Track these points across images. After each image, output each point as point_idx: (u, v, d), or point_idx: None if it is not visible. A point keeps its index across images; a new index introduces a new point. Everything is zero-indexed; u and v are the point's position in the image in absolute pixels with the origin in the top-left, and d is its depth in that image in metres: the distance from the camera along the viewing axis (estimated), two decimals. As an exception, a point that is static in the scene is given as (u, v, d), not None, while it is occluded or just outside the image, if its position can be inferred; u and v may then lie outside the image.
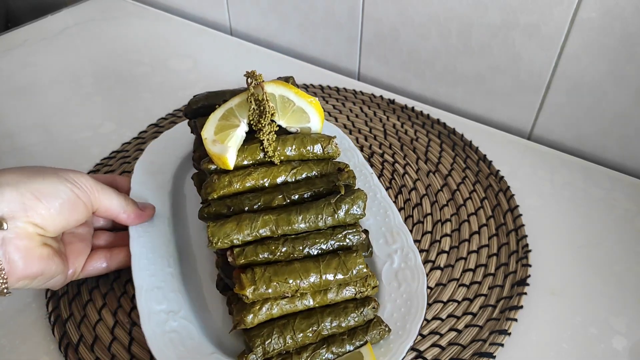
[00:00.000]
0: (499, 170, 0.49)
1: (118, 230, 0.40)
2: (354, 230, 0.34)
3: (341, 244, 0.33)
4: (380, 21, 0.58)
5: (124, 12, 0.77)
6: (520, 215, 0.44)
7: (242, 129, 0.35)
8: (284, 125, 0.37)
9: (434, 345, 0.35)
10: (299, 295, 0.32)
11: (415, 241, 0.42)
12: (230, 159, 0.34)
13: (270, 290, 0.31)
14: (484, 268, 0.40)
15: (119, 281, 0.39)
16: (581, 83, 0.49)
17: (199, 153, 0.38)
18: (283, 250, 0.32)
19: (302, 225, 0.33)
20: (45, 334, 0.36)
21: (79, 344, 0.35)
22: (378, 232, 0.40)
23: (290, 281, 0.31)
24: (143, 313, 0.33)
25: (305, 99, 0.36)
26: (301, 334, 0.32)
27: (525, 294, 0.38)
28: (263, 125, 0.35)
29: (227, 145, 0.34)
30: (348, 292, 0.33)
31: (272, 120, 0.35)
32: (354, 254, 0.33)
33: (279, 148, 0.36)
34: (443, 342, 0.35)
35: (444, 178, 0.48)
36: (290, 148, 0.36)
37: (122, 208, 0.37)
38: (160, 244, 0.38)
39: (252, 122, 0.35)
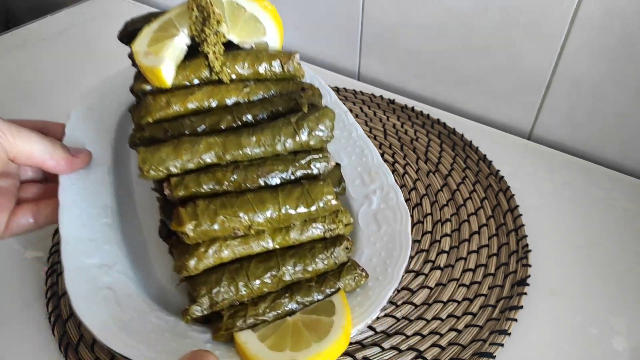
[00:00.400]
0: (499, 170, 0.49)
1: (51, 182, 0.35)
2: (321, 155, 0.28)
3: (305, 172, 0.28)
4: (380, 21, 0.58)
5: (124, 12, 0.77)
6: (520, 215, 0.44)
7: (182, 40, 0.30)
8: (235, 40, 0.31)
9: (434, 345, 0.35)
10: (253, 233, 0.27)
11: (416, 241, 0.42)
12: (166, 73, 0.29)
13: (216, 227, 0.26)
14: (484, 268, 0.40)
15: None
16: (581, 83, 0.49)
17: (138, 83, 0.32)
18: (233, 179, 0.27)
19: (257, 150, 0.27)
20: (45, 333, 0.36)
21: (79, 344, 0.35)
22: (354, 172, 0.35)
23: (242, 215, 0.26)
24: (68, 268, 0.28)
25: (258, 4, 0.30)
26: (258, 281, 0.26)
27: (525, 294, 0.38)
28: (207, 34, 0.29)
29: (161, 56, 0.28)
30: (315, 230, 0.28)
31: (219, 30, 0.29)
32: (321, 183, 0.28)
33: (228, 64, 0.30)
34: (443, 342, 0.35)
35: (444, 178, 0.48)
36: (242, 65, 0.30)
37: (48, 154, 0.31)
38: (96, 193, 0.33)
39: (194, 34, 0.29)
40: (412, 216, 0.45)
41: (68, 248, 0.29)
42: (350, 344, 0.35)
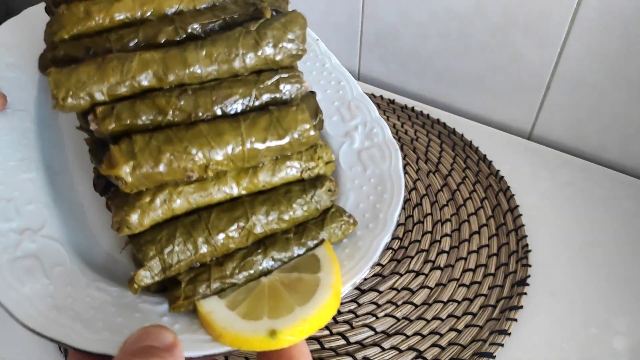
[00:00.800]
0: (499, 170, 0.49)
1: None
2: (291, 74, 0.23)
3: (273, 95, 0.22)
4: (380, 21, 0.58)
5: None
6: (520, 215, 0.44)
7: None
8: None
9: (434, 345, 0.35)
10: (212, 175, 0.21)
11: (416, 241, 0.42)
12: None
13: (162, 168, 0.20)
14: (484, 268, 0.40)
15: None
16: (581, 82, 0.49)
17: None
18: (180, 105, 0.21)
19: (209, 69, 0.21)
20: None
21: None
22: (330, 108, 0.29)
23: (194, 151, 0.20)
24: None
25: None
26: (222, 235, 0.21)
27: (525, 294, 0.38)
28: None
29: None
30: (291, 171, 0.23)
31: None
32: (294, 108, 0.22)
33: None
34: (443, 342, 0.35)
35: (444, 178, 0.48)
36: None
37: None
38: (13, 144, 0.26)
39: None
40: (412, 216, 0.45)
41: None
42: (350, 343, 0.35)
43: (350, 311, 0.37)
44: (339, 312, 0.37)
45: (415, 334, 0.36)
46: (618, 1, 0.43)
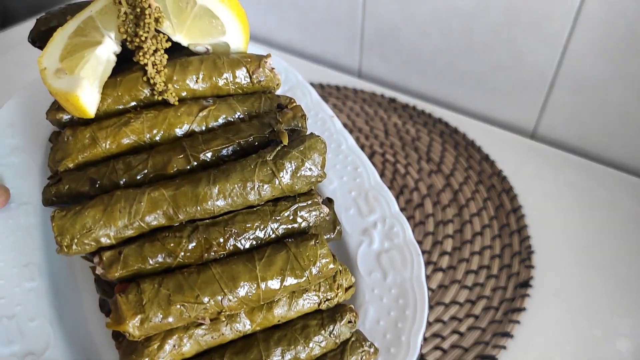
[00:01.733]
0: (501, 170, 0.48)
1: None
2: (310, 201, 0.21)
3: (289, 226, 0.21)
4: (381, 18, 0.58)
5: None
6: (524, 215, 0.44)
7: (108, 48, 0.21)
8: (184, 42, 0.23)
9: (435, 348, 0.35)
10: (224, 318, 0.20)
11: (417, 242, 0.42)
12: (86, 99, 0.20)
13: (171, 320, 0.19)
14: (486, 270, 0.40)
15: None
16: (585, 81, 0.48)
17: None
18: (190, 247, 0.19)
19: (221, 203, 0.20)
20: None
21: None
22: (346, 198, 0.27)
23: (206, 300, 0.19)
24: None
25: None
26: None
27: (529, 295, 0.38)
28: (143, 39, 0.20)
29: (78, 75, 0.20)
30: (308, 303, 0.21)
31: (159, 31, 0.21)
32: (312, 242, 0.21)
33: (175, 78, 0.22)
34: (445, 345, 0.35)
35: (446, 178, 0.48)
36: (195, 78, 0.22)
37: None
38: (19, 246, 0.25)
39: (125, 38, 0.21)
40: (413, 217, 0.44)
41: None
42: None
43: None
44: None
45: (417, 336, 0.35)
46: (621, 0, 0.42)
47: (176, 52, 0.23)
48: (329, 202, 0.24)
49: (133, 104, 0.23)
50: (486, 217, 0.44)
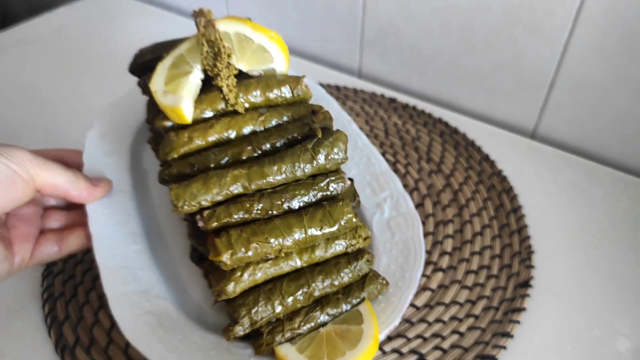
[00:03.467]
0: (501, 170, 0.48)
1: (74, 209, 0.36)
2: (337, 176, 0.30)
3: (324, 193, 0.30)
4: (381, 18, 0.58)
5: (121, 10, 0.77)
6: (524, 215, 0.44)
7: (197, 76, 0.31)
8: (244, 69, 0.33)
9: (435, 348, 0.35)
10: (283, 255, 0.29)
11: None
12: (186, 111, 0.30)
13: (250, 253, 0.27)
14: (486, 270, 0.40)
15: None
16: (585, 81, 0.48)
17: (152, 113, 0.34)
18: (260, 207, 0.29)
19: (279, 177, 0.29)
20: (41, 336, 0.36)
21: (76, 346, 0.35)
22: (363, 181, 0.37)
23: (272, 240, 0.28)
24: (111, 297, 0.30)
25: (265, 34, 0.32)
26: (291, 298, 0.28)
27: (529, 295, 0.38)
28: (220, 69, 0.31)
29: (180, 94, 0.30)
30: (338, 247, 0.30)
31: (230, 63, 0.31)
32: (340, 203, 0.30)
33: (241, 95, 0.32)
34: (445, 344, 0.35)
35: (446, 178, 0.48)
36: (254, 94, 0.32)
37: (71, 184, 0.32)
38: (122, 221, 0.34)
39: (207, 68, 0.31)
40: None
41: (107, 277, 0.31)
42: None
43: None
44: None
45: (417, 336, 0.35)
46: (621, 0, 0.42)
47: (239, 75, 0.33)
48: (350, 180, 0.33)
49: (214, 113, 0.32)
50: (486, 217, 0.44)
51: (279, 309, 0.28)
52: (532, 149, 0.52)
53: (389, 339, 0.35)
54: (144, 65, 0.36)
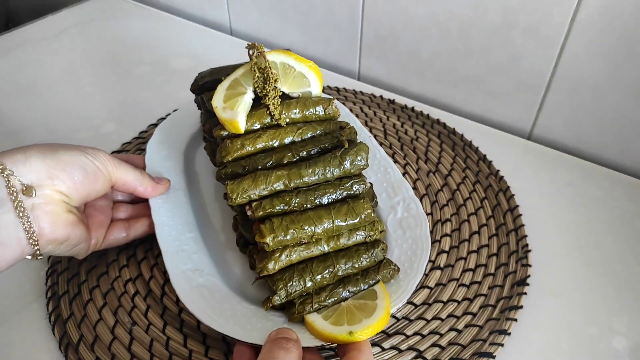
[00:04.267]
0: (498, 170, 0.49)
1: (136, 203, 0.43)
2: (360, 179, 0.37)
3: (349, 192, 0.36)
4: (380, 21, 0.58)
5: (124, 12, 0.77)
6: (520, 215, 0.44)
7: (249, 96, 0.38)
8: (286, 91, 0.39)
9: (434, 345, 0.35)
10: (314, 241, 0.35)
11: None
12: (241, 123, 0.37)
13: (288, 237, 0.34)
14: (484, 268, 0.40)
15: (119, 280, 0.39)
16: (581, 83, 0.49)
17: (209, 125, 0.41)
18: (296, 201, 0.35)
19: (313, 178, 0.36)
20: (45, 333, 0.36)
21: (79, 344, 0.35)
22: (380, 187, 0.43)
23: (306, 228, 0.34)
24: (172, 273, 0.36)
25: (305, 64, 0.39)
26: (319, 276, 0.34)
27: (525, 294, 0.38)
28: (268, 91, 0.37)
29: (237, 110, 0.37)
30: (358, 237, 0.36)
31: (276, 87, 0.38)
32: (362, 201, 0.36)
33: (284, 112, 0.38)
34: (443, 342, 0.35)
35: (444, 178, 0.48)
36: (294, 111, 0.39)
37: (139, 181, 0.39)
38: (179, 213, 0.41)
39: (257, 89, 0.38)
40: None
41: (168, 258, 0.37)
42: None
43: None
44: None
45: (415, 333, 0.36)
46: (618, 2, 0.43)
47: (282, 97, 0.39)
48: (370, 184, 0.39)
49: (261, 126, 0.39)
50: (483, 216, 0.44)
51: (309, 284, 0.34)
52: (529, 150, 0.52)
53: (388, 336, 0.36)
54: (202, 86, 0.44)
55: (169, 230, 0.39)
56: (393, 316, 0.37)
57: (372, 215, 0.35)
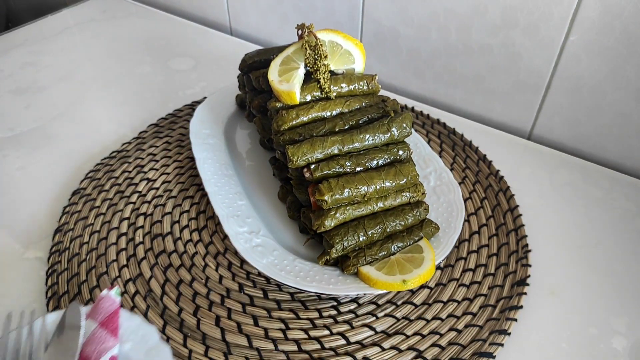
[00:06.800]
0: (498, 170, 0.49)
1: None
2: (404, 145, 0.40)
3: (395, 157, 0.40)
4: (380, 21, 0.58)
5: (124, 12, 0.78)
6: (520, 215, 0.44)
7: (302, 71, 0.41)
8: (332, 68, 0.42)
9: (434, 345, 0.35)
10: (366, 200, 0.38)
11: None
12: (297, 94, 0.40)
13: (344, 195, 0.37)
14: (483, 268, 0.40)
15: (120, 280, 0.39)
16: (581, 83, 0.49)
17: (258, 101, 0.46)
18: (350, 164, 0.38)
19: (364, 143, 0.39)
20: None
21: (79, 344, 0.35)
22: (415, 162, 0.46)
23: (360, 187, 0.38)
24: (231, 234, 0.40)
25: (352, 42, 0.42)
26: (371, 232, 0.38)
27: (525, 294, 0.38)
28: (319, 66, 0.40)
29: (293, 82, 0.40)
30: (404, 197, 0.39)
31: (326, 63, 0.41)
32: (407, 164, 0.40)
33: (333, 85, 0.42)
34: (443, 342, 0.35)
35: (444, 178, 0.48)
36: (342, 85, 0.42)
37: None
38: (229, 185, 0.45)
39: (308, 65, 0.41)
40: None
41: (225, 222, 0.41)
42: (350, 343, 0.35)
43: (350, 311, 0.37)
44: (339, 312, 0.37)
45: (415, 333, 0.36)
46: (617, 1, 0.43)
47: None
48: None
49: (312, 98, 0.42)
50: (483, 216, 0.44)
51: (362, 238, 0.38)
52: (529, 150, 0.52)
53: (388, 336, 0.36)
54: (250, 65, 0.48)
55: (221, 198, 0.43)
56: (393, 316, 0.37)
57: (417, 176, 0.39)
